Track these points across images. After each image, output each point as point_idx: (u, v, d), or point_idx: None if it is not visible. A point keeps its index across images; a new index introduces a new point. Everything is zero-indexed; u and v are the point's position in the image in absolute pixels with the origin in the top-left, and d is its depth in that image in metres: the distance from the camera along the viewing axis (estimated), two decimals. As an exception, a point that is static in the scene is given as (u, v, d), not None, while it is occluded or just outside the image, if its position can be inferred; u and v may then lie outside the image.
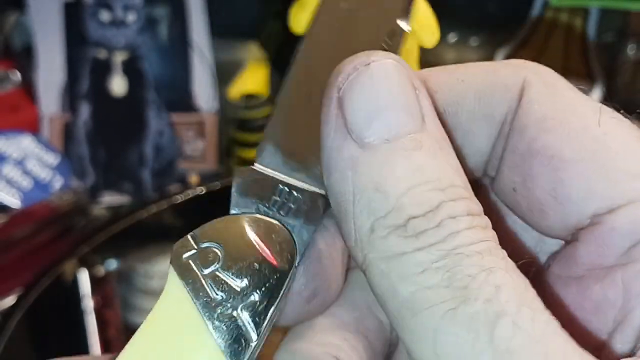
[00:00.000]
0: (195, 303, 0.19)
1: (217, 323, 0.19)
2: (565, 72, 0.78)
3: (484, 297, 0.16)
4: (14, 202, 0.69)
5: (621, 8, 0.78)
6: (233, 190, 0.20)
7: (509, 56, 0.80)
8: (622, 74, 0.80)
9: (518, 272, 0.17)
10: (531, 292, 0.16)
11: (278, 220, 0.20)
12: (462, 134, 0.20)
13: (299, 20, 0.51)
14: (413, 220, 0.17)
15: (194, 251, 0.19)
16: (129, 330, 0.83)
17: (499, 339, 0.16)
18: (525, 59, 0.76)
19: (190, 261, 0.19)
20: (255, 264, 0.19)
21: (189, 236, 0.20)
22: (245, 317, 0.19)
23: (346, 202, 0.18)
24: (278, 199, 0.20)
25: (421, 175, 0.17)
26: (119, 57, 0.76)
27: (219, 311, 0.19)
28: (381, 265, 0.17)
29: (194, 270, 0.19)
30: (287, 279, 0.19)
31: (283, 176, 0.20)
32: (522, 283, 0.17)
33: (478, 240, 0.17)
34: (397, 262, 0.17)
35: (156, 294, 0.19)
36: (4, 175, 0.70)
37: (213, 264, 0.19)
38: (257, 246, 0.19)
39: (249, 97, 0.79)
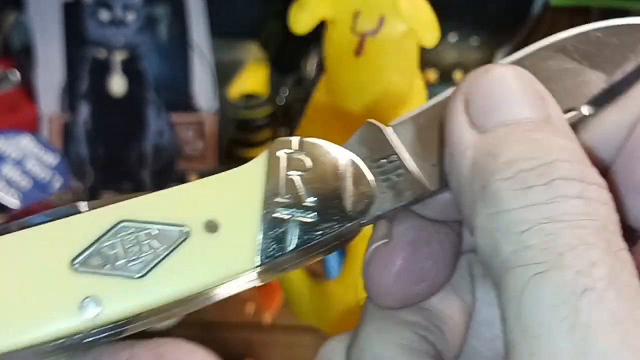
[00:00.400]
0: (264, 187, 0.20)
1: (269, 215, 0.20)
2: (566, 72, 0.77)
3: (576, 268, 0.16)
4: (13, 202, 0.69)
5: (621, 8, 0.78)
6: (357, 132, 0.22)
7: (509, 56, 0.80)
8: (622, 74, 0.80)
9: (627, 259, 0.17)
10: (629, 279, 0.17)
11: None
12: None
13: (299, 20, 0.51)
14: (522, 173, 0.18)
15: (290, 152, 0.21)
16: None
17: (581, 311, 0.16)
18: (526, 59, 0.75)
19: (282, 157, 0.21)
20: (330, 193, 0.21)
21: (295, 139, 0.21)
22: (295, 228, 0.20)
23: (463, 176, 0.19)
24: (385, 163, 0.21)
25: (537, 142, 0.18)
26: (119, 57, 0.76)
27: (278, 208, 0.20)
28: (489, 223, 0.18)
29: (281, 166, 0.21)
30: (347, 225, 0.20)
31: (403, 151, 0.21)
32: (622, 268, 0.17)
33: (587, 215, 0.17)
34: (503, 218, 0.18)
35: None
36: (3, 175, 0.70)
37: (298, 171, 0.21)
38: (341, 182, 0.21)
39: (249, 97, 0.79)
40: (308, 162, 0.21)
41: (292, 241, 0.20)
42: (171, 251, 0.19)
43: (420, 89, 0.54)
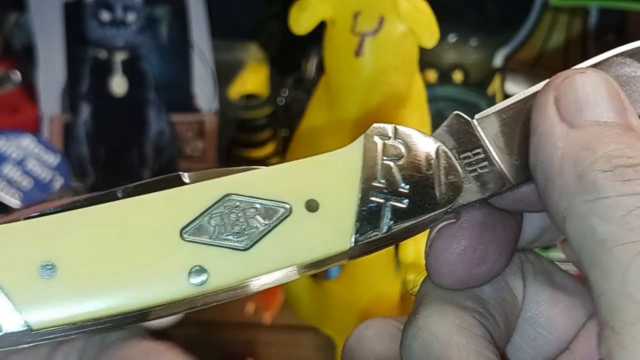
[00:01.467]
0: (361, 171, 0.21)
1: (365, 198, 0.21)
2: (565, 72, 0.76)
3: None
4: (14, 202, 0.69)
5: (620, 8, 0.78)
6: (445, 123, 0.23)
7: (508, 56, 0.81)
8: (622, 74, 0.80)
9: None
10: None
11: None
12: None
13: (299, 21, 0.51)
14: (620, 168, 0.19)
15: (387, 139, 0.22)
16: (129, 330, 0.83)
17: None
18: (525, 59, 0.77)
19: (379, 143, 0.22)
20: (422, 181, 0.22)
21: (389, 126, 0.22)
22: (388, 212, 0.21)
23: (553, 165, 0.20)
24: (471, 155, 0.22)
25: (629, 144, 0.20)
26: (119, 57, 0.77)
27: (374, 192, 0.21)
28: (584, 208, 0.19)
29: (377, 152, 0.22)
30: (434, 213, 0.22)
31: (488, 143, 0.22)
32: None
33: None
34: (601, 204, 0.19)
35: None
36: (4, 175, 0.70)
37: (394, 158, 0.22)
38: (433, 171, 0.22)
39: (249, 98, 0.80)
40: (402, 150, 0.22)
41: (385, 225, 0.21)
42: (274, 227, 0.20)
43: (420, 90, 0.55)
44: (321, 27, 0.53)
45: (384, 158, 0.22)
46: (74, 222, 0.20)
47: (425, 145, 0.22)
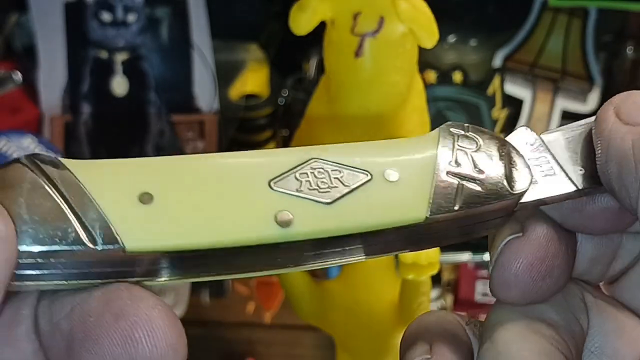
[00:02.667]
0: (437, 154, 0.23)
1: (441, 178, 0.22)
2: (564, 73, 0.79)
3: None
4: (15, 202, 0.69)
5: (620, 9, 0.78)
6: (512, 133, 0.24)
7: (508, 57, 0.81)
8: (621, 74, 0.80)
9: None
10: None
11: None
12: None
13: (299, 21, 0.51)
14: None
15: (461, 133, 0.24)
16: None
17: None
18: (524, 59, 0.77)
19: (455, 134, 0.24)
20: (494, 171, 0.23)
21: (466, 125, 0.24)
22: (461, 193, 0.22)
23: (626, 158, 0.21)
24: (538, 160, 0.24)
25: None
26: (120, 58, 0.77)
27: (449, 174, 0.22)
28: None
29: (453, 140, 0.23)
30: (504, 201, 0.23)
31: (553, 153, 0.24)
32: None
33: None
34: None
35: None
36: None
37: (468, 148, 0.23)
38: (505, 164, 0.23)
39: (249, 98, 0.80)
40: (475, 142, 0.23)
41: (458, 203, 0.22)
42: (355, 189, 0.22)
43: (419, 90, 0.55)
44: (321, 28, 0.53)
45: (459, 146, 0.23)
46: (174, 163, 0.21)
47: (497, 141, 0.24)
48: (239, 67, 0.80)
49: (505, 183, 0.23)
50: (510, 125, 0.79)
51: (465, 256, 0.74)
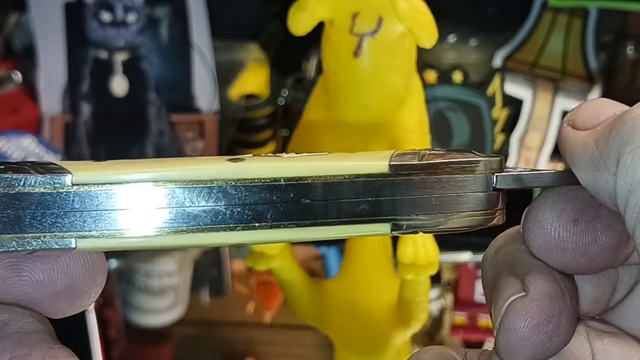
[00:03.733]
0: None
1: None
2: (564, 72, 0.79)
3: None
4: (15, 201, 0.69)
5: (620, 9, 0.78)
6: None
7: (508, 56, 0.81)
8: (621, 74, 0.80)
9: None
10: None
11: None
12: None
13: (298, 21, 0.51)
14: None
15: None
16: (130, 329, 0.84)
17: None
18: (525, 59, 0.77)
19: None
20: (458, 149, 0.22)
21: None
22: (423, 156, 0.22)
23: (599, 161, 0.21)
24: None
25: None
26: (120, 58, 0.77)
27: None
28: (627, 160, 0.19)
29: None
30: (466, 160, 0.22)
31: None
32: None
33: None
34: None
35: (156, 292, 0.20)
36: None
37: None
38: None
39: (249, 98, 0.80)
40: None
41: (420, 160, 0.21)
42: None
43: (418, 90, 0.55)
44: (321, 28, 0.53)
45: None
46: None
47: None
48: (239, 67, 0.80)
49: (471, 152, 0.22)
50: (510, 125, 0.79)
51: (465, 256, 0.74)
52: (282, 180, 0.20)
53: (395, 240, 0.56)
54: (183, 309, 0.86)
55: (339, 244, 0.74)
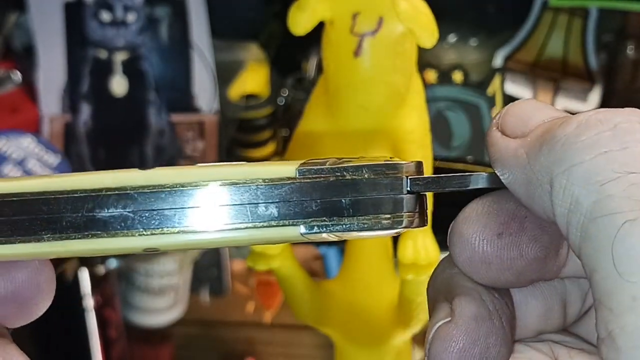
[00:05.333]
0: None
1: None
2: (565, 72, 0.79)
3: None
4: (14, 201, 0.69)
5: (620, 8, 0.78)
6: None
7: (508, 56, 0.81)
8: (621, 74, 0.80)
9: None
10: None
11: None
12: None
13: (297, 21, 0.51)
14: (589, 130, 0.19)
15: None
16: (129, 329, 0.84)
17: None
18: (525, 59, 0.77)
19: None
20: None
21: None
22: (332, 163, 0.22)
23: (532, 176, 0.20)
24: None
25: (586, 120, 0.19)
26: (120, 58, 0.77)
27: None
28: (562, 180, 0.19)
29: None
30: (377, 161, 0.22)
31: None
32: None
33: None
34: (578, 170, 0.18)
35: (156, 292, 0.21)
36: (4, 175, 0.70)
37: None
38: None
39: (249, 98, 0.80)
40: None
41: (329, 165, 0.21)
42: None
43: (418, 89, 0.55)
44: (321, 28, 0.53)
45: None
46: None
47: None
48: (239, 67, 0.80)
49: (391, 158, 0.22)
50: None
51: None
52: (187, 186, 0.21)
53: (395, 240, 0.56)
54: (183, 309, 0.86)
55: (339, 244, 0.74)
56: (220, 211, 0.21)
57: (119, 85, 0.77)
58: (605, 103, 0.78)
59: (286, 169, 0.21)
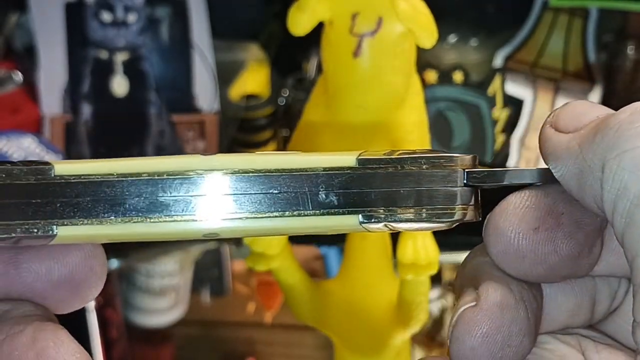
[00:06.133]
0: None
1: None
2: (565, 72, 0.79)
3: None
4: (15, 202, 0.69)
5: (621, 8, 0.78)
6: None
7: (508, 56, 0.81)
8: (622, 74, 0.80)
9: None
10: None
11: None
12: None
13: (297, 22, 0.51)
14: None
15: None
16: (130, 330, 0.84)
17: None
18: (525, 59, 0.77)
19: None
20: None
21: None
22: (390, 154, 0.22)
23: (586, 166, 0.20)
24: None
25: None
26: (120, 58, 0.77)
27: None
28: (613, 166, 0.19)
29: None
30: (434, 153, 0.22)
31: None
32: None
33: None
34: (629, 156, 0.19)
35: (157, 293, 0.21)
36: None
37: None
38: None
39: (250, 98, 0.80)
40: None
41: (387, 155, 0.22)
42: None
43: (417, 90, 0.55)
44: (321, 28, 0.53)
45: None
46: None
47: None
48: (239, 67, 0.80)
49: (445, 151, 0.22)
50: (510, 125, 0.79)
51: (466, 256, 0.74)
52: (251, 171, 0.21)
53: (395, 240, 0.56)
54: (184, 309, 0.86)
55: (339, 244, 0.74)
56: (280, 198, 0.21)
57: (119, 85, 0.77)
58: (605, 103, 0.78)
59: (346, 158, 0.21)
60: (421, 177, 0.22)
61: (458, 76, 0.79)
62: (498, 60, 0.80)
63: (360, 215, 0.21)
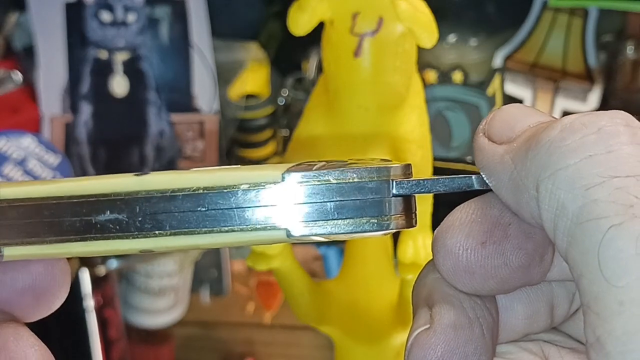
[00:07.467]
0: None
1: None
2: (565, 72, 0.79)
3: None
4: (15, 202, 0.69)
5: (620, 9, 0.78)
6: None
7: (508, 56, 0.81)
8: (621, 74, 0.80)
9: None
10: None
11: None
12: None
13: (297, 22, 0.51)
14: (574, 134, 0.19)
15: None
16: (130, 330, 0.84)
17: None
18: (525, 59, 0.77)
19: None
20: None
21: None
22: (321, 166, 0.22)
23: (518, 182, 0.20)
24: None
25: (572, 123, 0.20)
26: (120, 58, 0.77)
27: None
28: (548, 185, 0.19)
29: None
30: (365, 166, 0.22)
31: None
32: None
33: None
34: (563, 175, 0.18)
35: (157, 293, 0.21)
36: (4, 175, 0.70)
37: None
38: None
39: (249, 98, 0.80)
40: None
41: (318, 167, 0.22)
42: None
43: (418, 90, 0.55)
44: (321, 28, 0.53)
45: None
46: None
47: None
48: (239, 66, 0.80)
49: (380, 160, 0.22)
50: (510, 125, 0.79)
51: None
52: (178, 191, 0.22)
53: (395, 240, 0.56)
54: (183, 310, 0.86)
55: (339, 244, 0.74)
56: (209, 215, 0.22)
57: (119, 85, 0.77)
58: (604, 103, 0.78)
59: (272, 173, 0.21)
60: (349, 190, 0.22)
61: (458, 76, 0.79)
62: (497, 60, 0.80)
63: (288, 229, 0.22)
